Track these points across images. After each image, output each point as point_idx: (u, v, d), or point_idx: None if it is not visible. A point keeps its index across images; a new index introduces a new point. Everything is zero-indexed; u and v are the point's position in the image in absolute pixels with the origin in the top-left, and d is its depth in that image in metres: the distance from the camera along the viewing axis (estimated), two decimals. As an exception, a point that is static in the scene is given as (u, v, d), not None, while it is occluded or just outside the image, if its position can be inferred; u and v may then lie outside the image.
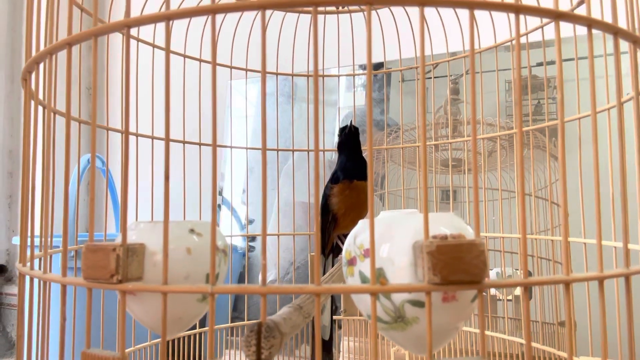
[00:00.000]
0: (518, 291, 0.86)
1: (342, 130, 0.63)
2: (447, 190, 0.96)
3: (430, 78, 0.95)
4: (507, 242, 0.69)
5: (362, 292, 0.23)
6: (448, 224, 0.27)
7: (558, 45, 0.26)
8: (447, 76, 0.78)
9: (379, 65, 1.00)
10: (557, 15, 0.27)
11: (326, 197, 0.61)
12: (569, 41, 0.58)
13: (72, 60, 0.31)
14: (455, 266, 0.23)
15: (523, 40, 0.69)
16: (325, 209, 0.61)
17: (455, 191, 0.96)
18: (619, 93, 0.30)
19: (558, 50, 0.27)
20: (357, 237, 0.28)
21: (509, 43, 0.69)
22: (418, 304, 0.26)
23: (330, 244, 0.63)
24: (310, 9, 0.72)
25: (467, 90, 0.96)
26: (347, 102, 1.10)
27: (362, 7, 0.73)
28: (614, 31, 0.29)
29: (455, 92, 1.03)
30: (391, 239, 0.27)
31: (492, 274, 0.90)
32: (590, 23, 0.28)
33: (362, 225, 0.29)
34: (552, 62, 0.85)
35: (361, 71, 1.03)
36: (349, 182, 0.59)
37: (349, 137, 0.62)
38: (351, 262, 0.28)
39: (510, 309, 0.86)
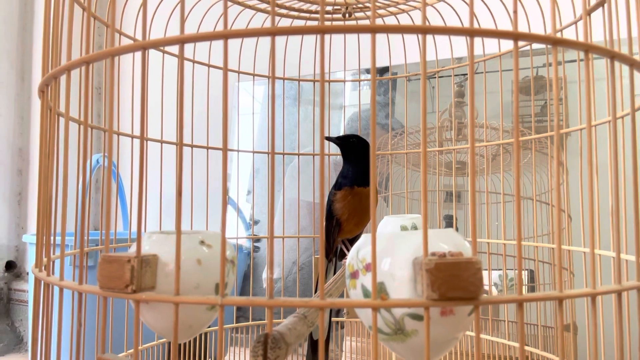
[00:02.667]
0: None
1: (344, 139, 0.64)
2: (451, 192, 0.97)
3: (435, 77, 0.96)
4: (510, 246, 0.70)
5: (364, 307, 0.24)
6: (447, 240, 0.29)
7: (555, 70, 0.27)
8: (451, 75, 0.78)
9: (384, 70, 1.01)
10: (555, 42, 0.28)
11: (330, 204, 0.62)
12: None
13: (88, 76, 0.32)
14: (452, 283, 0.24)
15: (527, 47, 0.70)
16: (330, 215, 0.62)
17: (459, 194, 0.97)
18: (614, 113, 0.31)
19: (555, 75, 0.28)
20: (359, 251, 0.30)
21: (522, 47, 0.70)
22: (417, 317, 0.27)
23: (334, 248, 0.65)
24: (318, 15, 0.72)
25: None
26: (352, 100, 1.11)
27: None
28: (611, 55, 0.30)
29: (460, 95, 1.04)
30: (392, 253, 0.28)
31: (495, 276, 0.92)
32: (587, 48, 0.29)
33: (365, 239, 0.30)
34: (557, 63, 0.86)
35: (367, 75, 1.04)
36: (350, 188, 0.61)
37: (351, 146, 0.63)
38: (354, 275, 0.29)
39: (511, 313, 0.87)
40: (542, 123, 0.96)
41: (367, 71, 1.04)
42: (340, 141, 0.64)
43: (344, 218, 0.61)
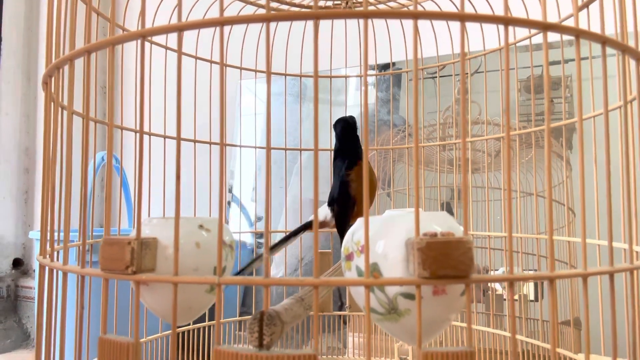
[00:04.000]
0: (525, 290, 0.87)
1: (342, 120, 0.65)
2: (453, 189, 0.97)
3: (436, 77, 0.96)
4: (517, 242, 0.70)
5: (356, 285, 0.25)
6: (440, 222, 0.29)
7: (546, 56, 0.28)
8: (452, 75, 0.79)
9: (386, 66, 1.02)
10: (545, 27, 0.28)
11: (345, 184, 0.61)
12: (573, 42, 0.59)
13: (90, 65, 0.33)
14: (443, 262, 0.25)
15: (528, 42, 0.71)
16: (345, 197, 0.61)
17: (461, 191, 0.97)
18: (605, 101, 0.31)
19: (546, 61, 0.29)
20: (354, 234, 0.30)
21: (518, 43, 0.70)
22: (410, 296, 0.28)
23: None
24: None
25: (472, 90, 0.97)
26: (356, 100, 1.12)
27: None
28: (602, 40, 0.31)
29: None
30: (386, 236, 0.29)
31: (499, 273, 0.92)
32: (578, 33, 0.29)
33: (360, 223, 0.31)
34: (555, 62, 0.86)
35: (370, 72, 1.05)
36: (361, 162, 0.61)
37: (350, 126, 0.64)
38: (349, 257, 0.30)
39: (516, 308, 0.87)
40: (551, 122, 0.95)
41: (371, 68, 1.05)
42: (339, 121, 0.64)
43: (360, 197, 0.60)
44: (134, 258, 0.28)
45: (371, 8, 0.72)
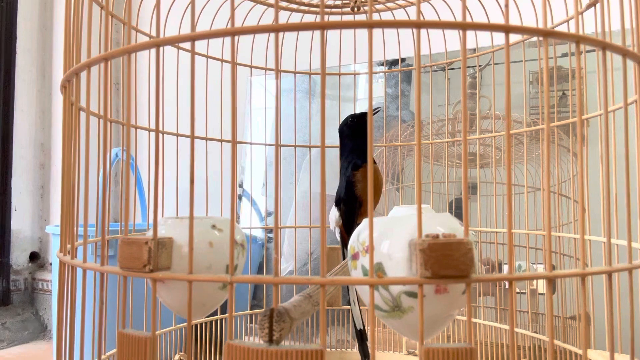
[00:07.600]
0: (534, 284, 0.88)
1: (351, 118, 0.66)
2: (470, 185, 0.98)
3: (444, 70, 0.96)
4: (522, 237, 0.71)
5: (361, 284, 0.26)
6: (443, 223, 0.30)
7: (546, 62, 0.29)
8: (460, 67, 0.79)
9: (395, 62, 1.02)
10: (545, 34, 0.29)
11: (351, 185, 0.62)
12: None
13: (107, 72, 0.35)
14: (444, 262, 0.26)
15: (535, 38, 0.71)
16: (352, 197, 0.62)
17: (474, 185, 0.98)
18: (605, 103, 0.32)
19: (546, 67, 0.29)
20: (360, 235, 0.32)
21: (527, 39, 0.71)
22: (413, 294, 0.29)
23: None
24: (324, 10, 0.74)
25: (482, 83, 0.98)
26: (366, 93, 1.13)
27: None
28: (602, 46, 0.31)
29: (472, 86, 1.04)
30: (391, 236, 0.30)
31: (506, 268, 0.92)
32: (578, 40, 0.30)
33: (365, 223, 0.32)
34: (565, 55, 0.86)
35: (378, 68, 1.05)
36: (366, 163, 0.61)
37: (358, 124, 0.64)
38: (355, 256, 0.31)
39: (525, 303, 0.88)
40: (560, 114, 0.96)
41: (377, 64, 1.05)
42: (357, 120, 0.65)
43: (365, 197, 0.61)
44: (151, 257, 0.29)
45: (379, 6, 0.72)
